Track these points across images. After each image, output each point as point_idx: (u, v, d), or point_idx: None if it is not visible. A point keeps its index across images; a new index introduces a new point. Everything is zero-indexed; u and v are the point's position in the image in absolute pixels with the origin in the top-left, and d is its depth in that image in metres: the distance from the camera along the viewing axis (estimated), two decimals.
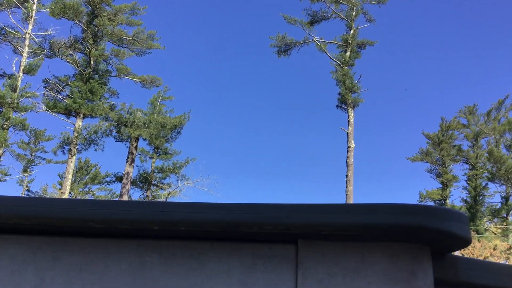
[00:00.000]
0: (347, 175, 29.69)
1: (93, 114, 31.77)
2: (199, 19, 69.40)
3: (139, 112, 32.46)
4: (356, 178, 42.02)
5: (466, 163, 42.33)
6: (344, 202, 28.92)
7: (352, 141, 30.55)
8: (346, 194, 29.50)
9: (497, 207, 39.66)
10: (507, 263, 28.98)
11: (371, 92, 62.35)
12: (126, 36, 34.32)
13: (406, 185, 67.37)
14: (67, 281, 1.42)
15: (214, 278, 1.40)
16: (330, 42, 33.05)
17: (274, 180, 68.62)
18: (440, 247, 1.55)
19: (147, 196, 34.70)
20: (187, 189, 34.15)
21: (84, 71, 32.74)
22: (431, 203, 42.16)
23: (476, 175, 39.75)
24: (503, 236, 36.55)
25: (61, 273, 1.43)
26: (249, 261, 1.42)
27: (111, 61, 34.70)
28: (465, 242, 1.53)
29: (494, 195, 40.17)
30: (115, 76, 34.78)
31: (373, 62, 60.78)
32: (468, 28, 62.91)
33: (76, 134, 31.53)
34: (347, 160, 30.00)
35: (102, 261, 1.44)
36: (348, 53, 32.32)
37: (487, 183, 39.88)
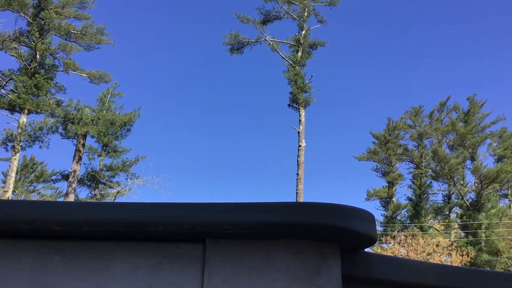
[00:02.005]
0: (298, 174, 30.03)
1: (39, 110, 30.68)
2: (150, 15, 68.31)
3: (87, 109, 31.57)
4: (307, 176, 42.65)
5: (411, 162, 43.79)
6: (295, 200, 29.29)
7: (303, 140, 30.92)
8: (297, 193, 29.84)
9: (440, 205, 41.24)
10: (449, 259, 30.19)
11: (322, 92, 63.38)
12: (74, 30, 33.30)
13: (356, 183, 69.00)
14: None
15: (119, 279, 1.38)
16: (282, 42, 33.32)
17: (228, 180, 68.57)
18: (347, 245, 1.59)
19: (95, 194, 33.83)
20: (136, 188, 33.60)
21: (30, 65, 31.55)
22: (377, 201, 43.39)
23: (421, 173, 41.15)
24: (446, 233, 38.05)
25: None
26: (155, 261, 1.41)
27: (58, 55, 33.62)
28: (370, 240, 1.57)
29: (437, 193, 41.79)
30: (62, 71, 33.71)
31: (324, 62, 61.78)
32: (415, 30, 65.09)
33: (20, 131, 30.33)
34: (298, 159, 30.35)
35: (1, 262, 1.39)
36: (300, 53, 32.68)
37: (431, 182, 41.41)
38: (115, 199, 31.80)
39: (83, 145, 32.23)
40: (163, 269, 1.40)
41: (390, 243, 32.75)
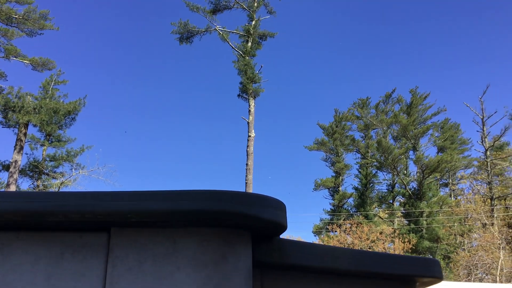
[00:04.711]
0: (247, 164, 30.16)
1: None
2: (97, 1, 66.16)
3: (29, 97, 30.35)
4: (257, 167, 42.91)
5: (358, 153, 44.91)
6: (244, 190, 29.39)
7: (253, 130, 31.05)
8: (246, 183, 29.98)
9: (385, 194, 42.56)
10: (392, 245, 31.20)
11: (272, 83, 63.77)
12: (15, 15, 31.89)
13: (306, 174, 70.08)
14: None
15: (18, 270, 1.35)
16: (232, 32, 33.20)
17: (179, 170, 67.94)
18: (259, 232, 1.61)
19: (38, 185, 32.67)
20: (82, 178, 32.67)
21: None
22: (325, 191, 44.27)
23: (367, 163, 42.26)
24: (389, 221, 39.36)
25: None
26: (57, 251, 1.39)
27: None
28: (279, 228, 1.60)
29: (382, 182, 43.07)
30: (3, 57, 32.28)
31: (274, 53, 62.11)
32: (364, 23, 66.51)
33: None
34: (247, 149, 30.47)
35: None
36: (249, 44, 32.68)
37: (376, 172, 42.61)
38: (59, 190, 30.82)
39: (25, 134, 31.01)
40: (65, 259, 1.38)
41: (336, 231, 33.54)
